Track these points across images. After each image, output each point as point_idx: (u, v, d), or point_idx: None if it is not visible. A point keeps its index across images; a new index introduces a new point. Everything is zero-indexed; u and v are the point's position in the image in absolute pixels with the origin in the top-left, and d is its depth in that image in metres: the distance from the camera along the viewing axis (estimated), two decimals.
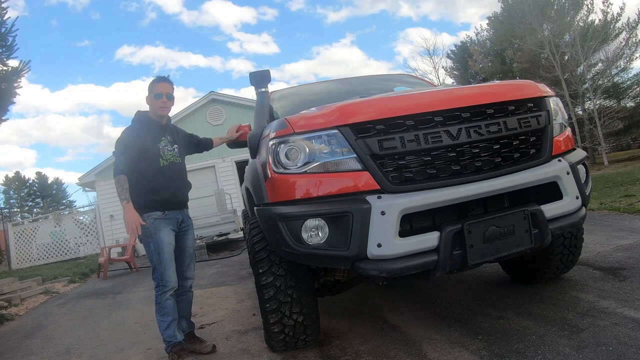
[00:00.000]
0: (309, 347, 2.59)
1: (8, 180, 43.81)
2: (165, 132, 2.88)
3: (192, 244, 2.94)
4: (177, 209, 2.83)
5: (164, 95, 2.81)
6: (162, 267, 2.65)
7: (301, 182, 2.04)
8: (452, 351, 2.23)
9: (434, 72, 25.48)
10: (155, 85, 2.83)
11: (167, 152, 2.82)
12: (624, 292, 2.63)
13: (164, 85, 2.83)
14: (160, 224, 2.70)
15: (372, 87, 3.62)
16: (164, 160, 2.79)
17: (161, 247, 2.65)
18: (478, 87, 2.49)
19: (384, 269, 1.89)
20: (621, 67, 17.54)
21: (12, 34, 7.06)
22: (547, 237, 2.06)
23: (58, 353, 3.57)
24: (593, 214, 5.47)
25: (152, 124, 2.84)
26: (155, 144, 2.78)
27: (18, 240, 13.35)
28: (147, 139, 2.76)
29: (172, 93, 2.89)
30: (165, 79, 2.87)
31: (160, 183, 2.74)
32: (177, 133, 3.01)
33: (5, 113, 7.38)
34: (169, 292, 2.66)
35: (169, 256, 2.67)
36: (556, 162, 2.18)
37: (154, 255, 2.67)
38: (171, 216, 2.77)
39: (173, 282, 2.67)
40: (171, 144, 2.87)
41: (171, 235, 2.73)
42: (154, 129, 2.83)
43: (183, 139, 3.05)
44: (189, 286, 2.92)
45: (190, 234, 2.93)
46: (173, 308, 2.70)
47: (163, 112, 2.84)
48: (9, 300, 6.22)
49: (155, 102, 2.81)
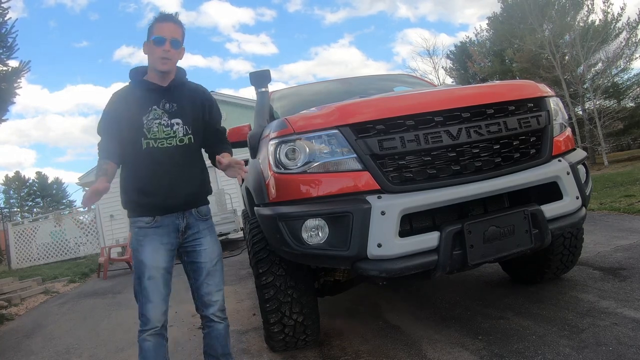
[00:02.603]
0: (309, 347, 2.59)
1: (8, 180, 43.89)
2: (163, 98, 1.95)
3: (211, 257, 2.02)
4: (176, 211, 1.96)
5: (167, 41, 1.88)
6: (141, 298, 1.89)
7: (301, 182, 2.04)
8: (452, 351, 2.23)
9: (434, 72, 25.51)
10: (156, 26, 1.91)
11: (156, 127, 1.91)
12: (624, 292, 2.62)
13: (168, 26, 1.91)
14: (146, 236, 1.91)
15: (372, 87, 3.62)
16: (151, 140, 1.90)
17: (141, 271, 1.89)
18: (478, 87, 2.50)
19: (384, 269, 1.89)
20: (621, 67, 17.54)
21: (12, 35, 7.06)
22: (547, 237, 2.06)
23: (58, 353, 3.57)
24: (593, 214, 5.46)
25: (146, 86, 1.96)
26: (139, 115, 1.90)
27: (18, 240, 13.35)
28: (131, 109, 1.92)
29: (180, 39, 1.94)
30: (170, 17, 1.95)
31: (143, 175, 1.91)
32: (187, 100, 2.01)
33: (5, 113, 7.38)
34: (148, 331, 1.88)
35: (153, 284, 1.88)
36: (556, 162, 2.18)
37: (135, 279, 1.93)
38: (166, 223, 1.93)
39: (154, 320, 1.88)
40: (169, 116, 1.94)
41: (161, 252, 1.91)
42: (146, 94, 1.94)
43: (196, 109, 2.02)
44: (213, 315, 2.00)
45: (206, 243, 2.02)
46: (155, 354, 1.89)
47: (164, 66, 1.91)
48: (9, 300, 6.22)
49: (155, 50, 1.89)
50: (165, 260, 1.92)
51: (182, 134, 1.95)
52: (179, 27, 1.95)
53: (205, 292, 1.99)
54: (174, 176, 1.93)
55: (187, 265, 2.04)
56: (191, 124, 1.98)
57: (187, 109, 1.98)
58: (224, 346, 2.03)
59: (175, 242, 1.97)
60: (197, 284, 2.00)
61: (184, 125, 1.96)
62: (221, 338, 2.03)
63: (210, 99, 2.12)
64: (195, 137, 2.00)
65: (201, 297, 2.00)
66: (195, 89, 2.08)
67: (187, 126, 1.97)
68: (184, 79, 2.05)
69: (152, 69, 1.96)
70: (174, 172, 1.94)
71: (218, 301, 2.01)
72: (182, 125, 1.96)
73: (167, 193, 1.91)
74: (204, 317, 2.02)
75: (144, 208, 1.92)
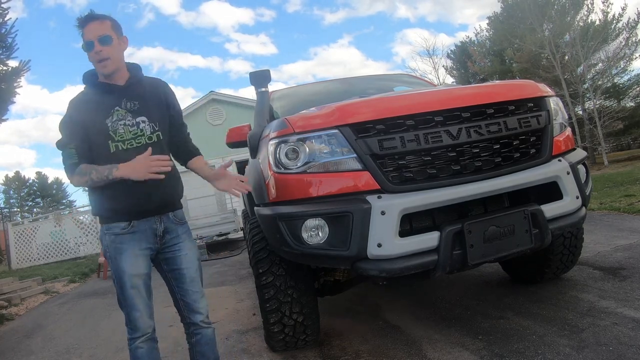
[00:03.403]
0: (309, 347, 2.59)
1: (8, 180, 43.92)
2: (123, 98, 1.85)
3: (193, 262, 1.96)
4: (153, 215, 1.86)
5: (95, 43, 1.78)
6: (127, 306, 1.85)
7: (301, 182, 2.04)
8: (452, 351, 2.24)
9: (434, 72, 25.51)
10: (81, 33, 1.82)
11: (121, 128, 1.81)
12: (624, 292, 2.63)
13: (89, 28, 1.79)
14: (122, 243, 1.82)
15: (372, 87, 3.62)
16: (119, 143, 1.80)
17: (123, 280, 1.81)
18: (478, 87, 2.50)
19: (384, 269, 1.89)
20: (621, 68, 17.55)
21: (12, 35, 7.07)
22: (547, 237, 2.06)
23: (58, 353, 3.57)
24: (593, 214, 5.46)
25: (103, 89, 1.86)
26: (103, 119, 1.80)
27: (18, 240, 13.34)
28: (93, 113, 1.81)
29: (109, 32, 1.81)
30: (88, 17, 1.82)
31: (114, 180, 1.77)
32: (149, 96, 1.91)
33: (5, 113, 7.39)
34: (139, 339, 1.84)
35: (136, 291, 1.83)
36: (556, 162, 2.18)
37: (117, 288, 1.87)
38: (143, 228, 1.84)
39: (144, 326, 1.85)
40: (133, 115, 1.84)
41: (141, 259, 1.84)
42: (105, 97, 1.85)
43: (160, 105, 1.93)
44: (200, 322, 1.96)
45: (186, 248, 1.94)
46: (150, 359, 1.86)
47: (105, 68, 1.81)
48: (9, 300, 6.22)
49: (90, 56, 1.82)
50: (145, 266, 1.86)
51: (149, 132, 1.86)
52: (102, 21, 1.83)
53: (191, 299, 1.95)
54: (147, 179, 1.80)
55: (167, 272, 1.95)
56: (157, 120, 1.89)
57: (150, 105, 1.89)
58: (214, 351, 2.01)
59: (154, 247, 1.89)
60: (182, 291, 1.94)
61: (150, 123, 1.86)
62: (212, 343, 2.00)
63: (170, 91, 2.01)
64: (163, 134, 1.90)
65: (188, 304, 1.95)
66: (154, 82, 1.98)
67: (153, 123, 1.87)
68: (140, 75, 1.95)
69: (100, 74, 1.87)
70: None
71: (204, 307, 1.98)
72: (148, 123, 1.86)
73: (143, 195, 1.80)
74: (192, 324, 1.97)
75: (118, 213, 1.82)
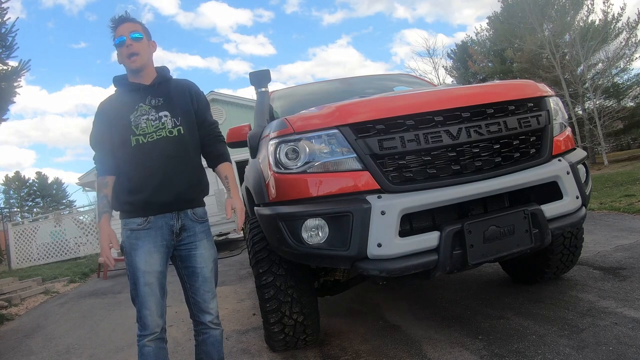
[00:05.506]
0: (309, 346, 2.59)
1: (8, 180, 43.89)
2: (148, 95, 1.92)
3: (207, 262, 1.96)
4: (169, 211, 1.87)
5: (127, 38, 1.88)
6: (138, 303, 1.85)
7: (301, 182, 2.04)
8: (452, 351, 2.23)
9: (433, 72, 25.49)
10: (114, 33, 1.93)
11: (144, 122, 1.86)
12: (624, 292, 2.63)
13: (122, 27, 1.91)
14: (138, 239, 1.85)
15: (371, 86, 3.63)
16: (139, 137, 1.85)
17: (136, 276, 1.84)
18: (478, 86, 2.50)
19: (384, 268, 1.89)
20: (621, 68, 17.54)
21: (12, 34, 7.06)
22: (547, 237, 2.06)
23: (58, 353, 3.57)
24: (593, 214, 5.46)
25: (130, 88, 1.95)
26: (127, 114, 1.88)
27: (18, 240, 13.35)
28: (119, 111, 1.90)
29: (140, 31, 1.93)
30: (122, 19, 1.94)
31: (134, 173, 1.84)
32: (174, 93, 1.97)
33: (5, 113, 7.37)
34: (147, 337, 1.85)
35: (149, 289, 1.84)
36: (556, 162, 2.18)
37: (130, 284, 1.89)
38: (159, 224, 1.86)
39: (152, 325, 1.84)
40: (157, 110, 1.90)
41: (155, 256, 1.85)
42: (131, 95, 1.93)
43: (185, 102, 1.97)
44: (209, 322, 1.97)
45: (202, 247, 1.94)
46: (156, 359, 1.86)
47: (134, 63, 1.90)
48: (9, 300, 6.22)
49: (120, 51, 1.91)
50: (160, 263, 1.86)
51: (170, 126, 1.89)
52: (135, 23, 1.94)
53: (202, 299, 1.95)
54: (165, 171, 1.85)
55: (181, 269, 1.97)
56: (180, 115, 1.92)
57: (174, 101, 1.94)
58: (219, 352, 2.01)
59: (170, 244, 1.90)
60: (193, 289, 1.95)
61: (172, 118, 1.90)
62: (217, 344, 2.00)
63: (196, 89, 2.06)
64: (185, 129, 1.91)
65: (198, 303, 1.96)
66: (181, 81, 2.06)
67: (175, 118, 1.91)
68: (168, 76, 2.03)
69: (129, 72, 1.96)
70: (165, 167, 1.85)
71: (214, 308, 1.99)
72: (170, 118, 1.90)
73: (157, 187, 1.83)
74: (200, 323, 1.98)
75: (135, 207, 1.85)
